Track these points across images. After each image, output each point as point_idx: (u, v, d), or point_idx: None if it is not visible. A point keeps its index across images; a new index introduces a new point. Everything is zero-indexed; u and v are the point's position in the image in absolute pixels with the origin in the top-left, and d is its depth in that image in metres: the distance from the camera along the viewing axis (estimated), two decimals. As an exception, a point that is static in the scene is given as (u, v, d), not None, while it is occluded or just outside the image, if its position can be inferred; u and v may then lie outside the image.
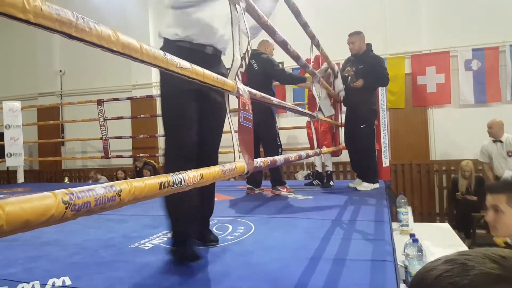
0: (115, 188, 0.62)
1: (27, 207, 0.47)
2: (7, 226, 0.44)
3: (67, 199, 0.52)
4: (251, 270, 1.47)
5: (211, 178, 0.98)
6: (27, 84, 8.26)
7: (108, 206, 0.60)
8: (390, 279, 1.34)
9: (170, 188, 0.79)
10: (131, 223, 2.48)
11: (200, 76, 0.97)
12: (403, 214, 3.23)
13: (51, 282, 1.42)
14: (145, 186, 0.70)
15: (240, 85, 1.20)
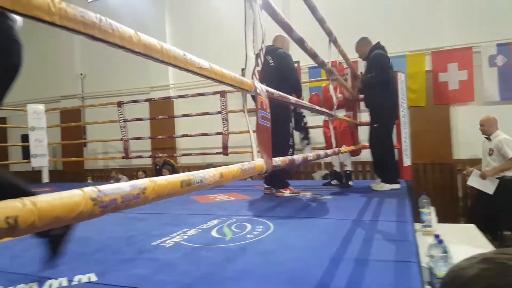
0: (139, 186, 0.64)
1: (57, 204, 0.48)
2: (39, 222, 0.46)
3: (95, 196, 0.54)
4: (272, 269, 1.47)
5: (231, 177, 0.99)
6: (50, 88, 8.51)
7: (133, 203, 0.62)
8: (414, 281, 1.31)
9: (192, 186, 0.80)
10: (151, 221, 2.52)
11: (219, 75, 0.98)
12: (426, 215, 3.16)
13: (78, 278, 1.46)
14: (168, 184, 0.72)
15: (257, 84, 1.21)
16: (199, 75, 0.89)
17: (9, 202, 0.43)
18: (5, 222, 0.41)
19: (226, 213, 2.65)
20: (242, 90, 1.12)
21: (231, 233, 2.08)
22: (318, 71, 6.21)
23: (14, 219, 0.42)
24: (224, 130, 4.85)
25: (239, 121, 6.47)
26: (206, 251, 1.76)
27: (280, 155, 1.28)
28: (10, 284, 1.42)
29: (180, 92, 7.10)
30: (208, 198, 3.47)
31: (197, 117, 5.46)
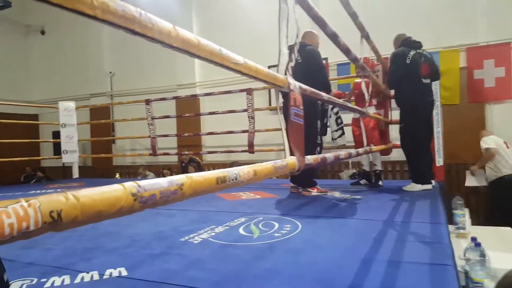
0: (177, 181, 0.63)
1: (99, 199, 0.48)
2: (81, 216, 0.45)
3: (135, 191, 0.53)
4: (302, 269, 1.45)
5: (263, 175, 0.97)
6: (80, 86, 8.79)
7: (171, 199, 0.61)
8: (451, 284, 1.26)
9: (227, 183, 0.78)
10: (179, 217, 2.55)
11: (253, 71, 0.96)
12: (460, 216, 3.05)
13: (109, 272, 1.48)
14: (204, 180, 0.71)
15: (291, 80, 1.18)
16: (234, 70, 0.87)
17: (53, 196, 0.43)
18: (49, 216, 0.41)
19: (253, 211, 2.64)
20: (276, 86, 1.10)
21: (259, 231, 2.06)
22: (346, 68, 6.10)
23: (57, 213, 0.42)
24: (250, 128, 4.84)
25: (265, 119, 6.47)
26: (234, 249, 1.75)
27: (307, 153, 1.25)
28: (43, 276, 1.46)
29: (206, 90, 7.17)
30: (234, 195, 3.47)
31: (222, 115, 5.49)
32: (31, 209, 0.39)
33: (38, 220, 0.40)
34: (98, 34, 8.62)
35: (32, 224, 0.39)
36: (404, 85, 3.48)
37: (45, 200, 0.41)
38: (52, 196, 0.43)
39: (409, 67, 3.42)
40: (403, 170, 5.91)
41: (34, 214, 0.39)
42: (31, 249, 1.86)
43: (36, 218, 0.39)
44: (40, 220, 0.40)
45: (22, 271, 1.52)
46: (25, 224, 0.38)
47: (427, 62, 3.52)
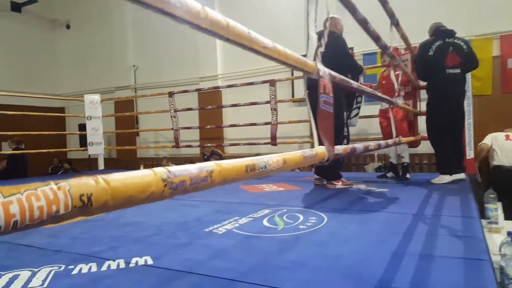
0: (206, 168, 0.61)
1: (130, 183, 0.46)
2: (112, 201, 0.43)
3: (165, 177, 0.51)
4: (329, 262, 1.41)
5: (293, 164, 0.94)
6: (105, 79, 8.96)
7: (201, 186, 0.59)
8: (489, 280, 1.19)
9: (256, 171, 0.76)
10: (202, 208, 2.55)
11: (282, 56, 0.92)
12: (492, 211, 2.94)
13: (135, 261, 1.49)
14: (233, 168, 0.68)
15: (320, 66, 1.14)
16: (263, 55, 0.84)
17: (82, 179, 0.41)
18: (79, 200, 0.39)
19: (276, 203, 2.62)
20: (305, 72, 1.06)
21: (283, 223, 2.03)
22: (373, 58, 5.95)
23: (88, 197, 0.40)
24: (273, 120, 4.79)
25: (288, 111, 6.41)
26: (258, 240, 1.73)
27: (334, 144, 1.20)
28: (71, 263, 1.48)
29: (228, 82, 7.16)
30: (256, 187, 3.46)
31: (245, 107, 5.46)
32: (61, 192, 0.37)
33: (68, 204, 0.38)
34: (122, 28, 8.75)
35: (62, 207, 0.37)
36: (428, 77, 3.51)
37: (75, 184, 0.40)
38: (82, 179, 0.41)
39: (432, 58, 3.43)
40: (431, 163, 5.73)
41: (64, 198, 0.37)
42: (59, 238, 1.90)
43: (66, 201, 0.38)
44: (70, 203, 0.38)
45: (50, 259, 1.56)
46: (54, 207, 0.36)
47: (456, 51, 3.41)
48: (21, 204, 0.34)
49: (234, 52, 7.47)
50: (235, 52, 7.44)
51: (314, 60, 1.13)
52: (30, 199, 0.35)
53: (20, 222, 0.34)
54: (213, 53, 7.55)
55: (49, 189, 0.37)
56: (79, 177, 0.41)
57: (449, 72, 3.41)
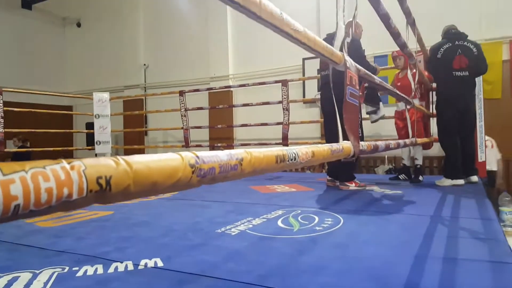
0: (237, 156, 0.54)
1: (154, 167, 0.39)
2: (134, 187, 0.36)
3: (193, 162, 0.44)
4: (350, 265, 1.33)
5: (321, 157, 0.87)
6: (115, 77, 8.94)
7: (230, 175, 0.51)
8: None
9: (286, 162, 0.68)
10: (214, 209, 2.48)
11: (311, 42, 0.85)
12: (507, 214, 2.87)
13: (144, 263, 1.42)
14: (264, 157, 0.61)
15: (347, 57, 1.06)
16: (292, 39, 0.77)
17: (100, 159, 0.34)
18: (96, 183, 0.32)
19: (290, 204, 2.54)
20: (331, 62, 0.99)
21: (298, 224, 1.96)
22: (384, 60, 5.87)
23: (106, 181, 0.33)
24: (284, 120, 4.72)
25: (299, 112, 6.34)
26: (274, 242, 1.66)
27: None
28: (76, 264, 1.40)
29: (239, 83, 7.10)
30: (268, 188, 3.38)
31: (256, 107, 5.40)
32: (75, 173, 0.30)
33: (82, 187, 0.31)
34: (133, 27, 8.73)
35: (76, 191, 0.30)
36: (437, 79, 3.57)
37: (91, 164, 0.33)
38: (100, 159, 0.34)
39: (440, 61, 3.44)
40: (441, 166, 5.62)
41: (78, 179, 0.30)
42: (62, 238, 1.83)
43: (81, 184, 0.31)
44: (85, 187, 0.31)
45: (53, 260, 1.48)
46: (66, 190, 0.29)
47: (465, 54, 3.39)
48: (25, 184, 0.27)
49: (245, 52, 7.41)
50: (246, 52, 7.39)
51: (341, 51, 1.06)
52: (36, 178, 0.28)
53: (23, 206, 0.26)
54: (225, 53, 7.49)
55: (61, 168, 0.30)
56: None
57: (456, 74, 3.40)
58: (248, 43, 7.38)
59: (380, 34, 3.44)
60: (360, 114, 3.34)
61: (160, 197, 3.03)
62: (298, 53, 6.51)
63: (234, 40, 7.55)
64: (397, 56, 3.63)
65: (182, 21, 8.13)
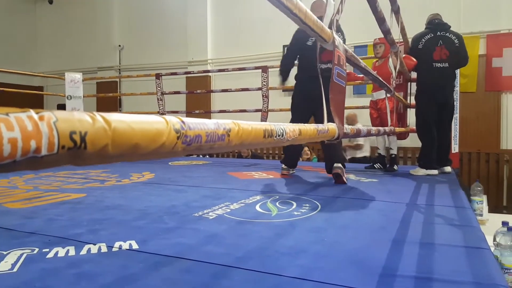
0: (224, 126, 0.50)
1: (137, 128, 0.35)
2: (112, 147, 0.32)
3: (179, 127, 0.40)
4: (329, 248, 1.33)
5: (307, 136, 0.84)
6: (88, 58, 8.59)
7: (217, 146, 0.48)
8: (494, 268, 1.16)
9: (273, 138, 0.65)
10: (190, 193, 2.44)
11: (303, 13, 0.81)
12: (478, 203, 2.98)
13: (118, 245, 1.37)
14: (252, 130, 0.58)
15: (336, 35, 1.03)
16: (283, 7, 0.73)
17: (75, 113, 0.30)
18: (69, 138, 0.28)
19: (268, 190, 2.53)
20: (320, 39, 0.95)
21: (276, 209, 1.95)
22: (363, 50, 5.92)
23: (81, 137, 0.29)
24: (263, 107, 4.68)
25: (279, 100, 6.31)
26: (252, 225, 1.64)
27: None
28: (46, 246, 1.34)
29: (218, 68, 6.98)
30: (246, 174, 3.36)
31: (235, 93, 5.33)
32: (44, 124, 0.26)
33: (53, 142, 0.26)
34: (109, 6, 8.38)
35: (45, 146, 0.26)
36: (417, 69, 3.52)
37: (64, 117, 0.28)
38: (73, 113, 0.30)
39: (421, 51, 3.44)
40: (414, 156, 5.77)
41: (48, 132, 0.26)
42: (32, 219, 1.75)
43: (51, 138, 0.26)
44: (57, 141, 0.27)
45: (22, 241, 1.41)
46: (34, 144, 0.25)
47: (446, 45, 3.41)
48: (-17, 131, 0.22)
49: (225, 37, 7.29)
50: (226, 37, 7.27)
51: (330, 28, 1.03)
52: (-3, 126, 0.23)
53: (-20, 157, 0.22)
54: (204, 37, 7.34)
55: (27, 117, 0.25)
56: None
57: (436, 65, 3.41)
58: (228, 28, 7.26)
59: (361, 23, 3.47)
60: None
61: (134, 181, 2.95)
62: (278, 40, 6.47)
63: (213, 24, 7.40)
64: (378, 43, 3.63)
65: (160, 2, 7.89)
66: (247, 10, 6.98)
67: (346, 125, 1.18)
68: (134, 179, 3.04)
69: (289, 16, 0.77)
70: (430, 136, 3.46)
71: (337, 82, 1.04)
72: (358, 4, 2.85)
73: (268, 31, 6.64)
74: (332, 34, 1.01)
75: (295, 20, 0.80)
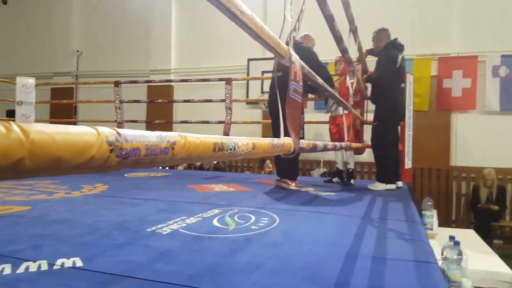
0: (168, 138, 0.47)
1: (61, 140, 0.31)
2: (30, 161, 0.29)
3: (113, 140, 0.37)
4: (284, 263, 1.32)
5: (262, 150, 0.83)
6: (43, 63, 8.19)
7: (159, 160, 0.45)
8: (439, 282, 1.20)
9: (224, 152, 0.63)
10: (146, 207, 2.35)
11: (258, 28, 0.81)
12: (429, 217, 3.11)
13: (60, 262, 1.27)
14: (200, 143, 0.55)
15: (292, 51, 1.04)
16: (238, 21, 0.72)
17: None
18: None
19: (227, 203, 2.49)
20: (277, 54, 0.96)
21: (234, 223, 1.91)
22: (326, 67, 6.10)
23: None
24: (226, 119, 4.65)
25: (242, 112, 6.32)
26: (208, 241, 1.59)
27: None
28: (-22, 264, 1.23)
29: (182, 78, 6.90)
30: (205, 187, 3.30)
31: (198, 104, 5.28)
32: None
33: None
34: (67, 8, 8.06)
35: None
36: (388, 88, 3.46)
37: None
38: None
39: (397, 71, 3.45)
40: (371, 171, 5.97)
41: None
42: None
43: None
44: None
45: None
46: None
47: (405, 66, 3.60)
48: None
49: (190, 48, 7.23)
50: (191, 48, 7.22)
51: (287, 45, 1.03)
52: None
53: None
54: (167, 46, 7.23)
55: None
56: None
57: (401, 86, 3.61)
58: (193, 39, 7.21)
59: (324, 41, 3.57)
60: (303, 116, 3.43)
61: (85, 193, 2.81)
62: (243, 53, 6.52)
63: (178, 34, 7.33)
64: (338, 61, 3.74)
65: (123, 9, 7.72)
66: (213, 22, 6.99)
67: (302, 140, 1.18)
68: (85, 191, 2.89)
69: (245, 30, 0.77)
70: (392, 152, 3.54)
71: (293, 97, 1.05)
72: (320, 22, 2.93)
73: (234, 43, 6.68)
74: (289, 50, 1.01)
75: (251, 34, 0.80)
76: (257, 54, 6.21)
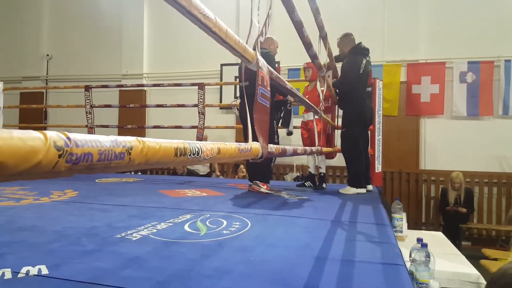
0: (124, 143, 0.47)
1: (4, 145, 0.31)
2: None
3: (62, 144, 0.37)
4: (254, 268, 1.32)
5: (228, 155, 0.83)
6: (11, 67, 7.88)
7: (114, 165, 0.45)
8: (406, 284, 1.23)
9: (187, 157, 0.63)
10: (116, 213, 2.30)
11: (223, 33, 0.82)
12: (398, 220, 3.16)
13: (25, 270, 1.24)
14: (160, 148, 0.55)
15: (260, 56, 1.06)
16: (201, 24, 0.73)
17: None
18: None
19: (199, 208, 2.47)
20: (243, 59, 0.97)
21: (206, 228, 1.90)
22: (297, 73, 6.17)
23: None
24: (199, 124, 4.63)
25: (215, 117, 6.29)
26: (178, 246, 1.58)
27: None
28: None
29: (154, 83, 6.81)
30: (178, 192, 3.27)
31: (171, 109, 5.23)
32: None
33: None
34: (37, 11, 7.80)
35: None
36: (353, 93, 3.48)
37: None
38: None
39: (361, 76, 3.46)
40: (343, 175, 6.07)
41: None
42: None
43: None
44: None
45: None
46: None
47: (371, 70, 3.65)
48: None
49: (162, 52, 7.15)
50: (163, 52, 7.14)
51: (254, 49, 1.05)
52: None
53: None
54: (140, 50, 7.12)
55: None
56: None
57: (367, 90, 3.65)
58: (165, 43, 7.14)
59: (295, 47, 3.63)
60: (276, 122, 3.46)
61: (54, 200, 2.72)
62: (216, 58, 6.51)
63: (150, 38, 7.24)
64: (306, 68, 3.77)
65: (95, 12, 7.55)
66: (186, 26, 6.92)
67: (270, 145, 1.19)
68: (54, 198, 2.81)
69: (209, 34, 0.77)
70: (361, 156, 3.57)
71: (261, 102, 1.06)
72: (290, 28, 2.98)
73: (206, 48, 6.65)
74: (255, 55, 1.03)
75: (216, 38, 0.81)
76: (230, 59, 6.22)
